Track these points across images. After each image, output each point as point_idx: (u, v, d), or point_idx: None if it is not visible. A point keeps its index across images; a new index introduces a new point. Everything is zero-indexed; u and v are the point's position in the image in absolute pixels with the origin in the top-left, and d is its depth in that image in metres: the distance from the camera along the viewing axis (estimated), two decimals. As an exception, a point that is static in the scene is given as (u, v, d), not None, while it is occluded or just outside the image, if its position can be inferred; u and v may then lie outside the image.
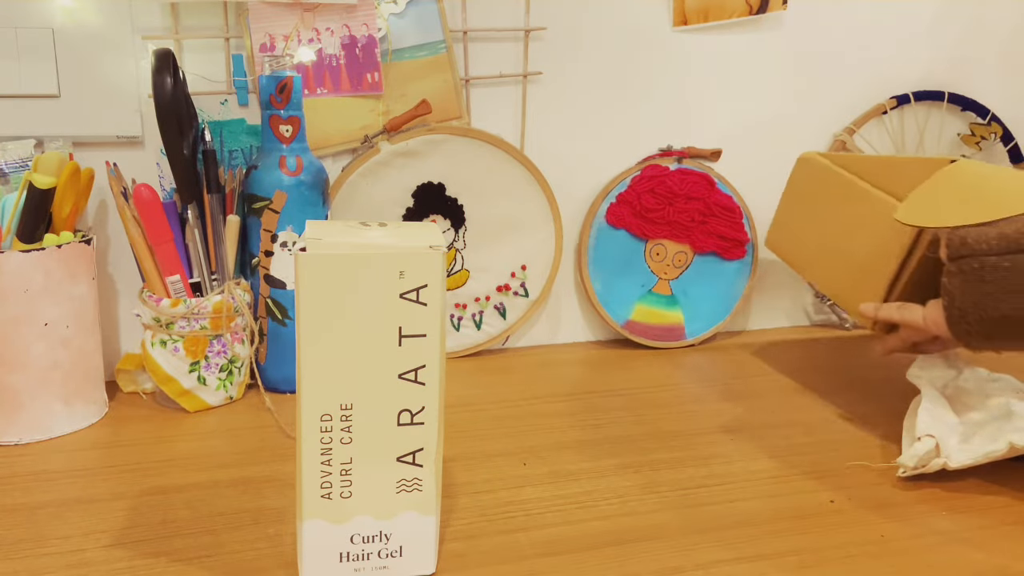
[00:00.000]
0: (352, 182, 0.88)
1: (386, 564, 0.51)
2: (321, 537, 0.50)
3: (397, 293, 0.47)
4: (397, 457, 0.49)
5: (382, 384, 0.48)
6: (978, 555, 0.56)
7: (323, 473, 0.49)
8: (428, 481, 0.50)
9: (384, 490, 0.50)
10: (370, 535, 0.50)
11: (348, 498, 0.49)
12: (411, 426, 0.49)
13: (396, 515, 0.50)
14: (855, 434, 0.74)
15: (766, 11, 0.97)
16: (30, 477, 0.66)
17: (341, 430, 0.48)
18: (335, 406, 0.48)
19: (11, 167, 0.76)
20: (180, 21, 0.82)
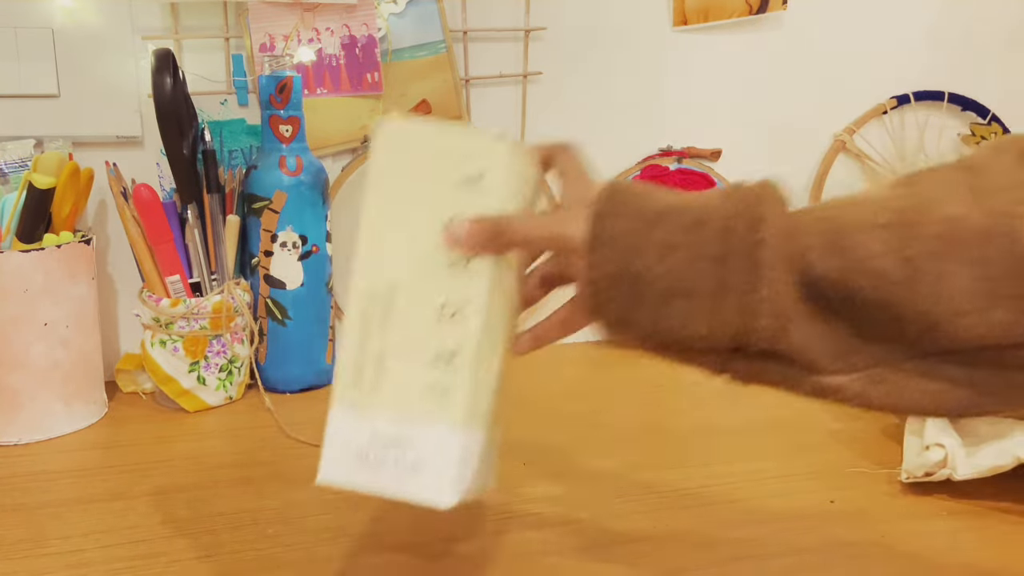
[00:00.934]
0: (352, 182, 0.88)
1: (401, 479, 0.46)
2: (346, 427, 0.47)
3: (459, 179, 0.45)
4: (433, 355, 0.45)
5: (430, 271, 0.45)
6: (978, 555, 0.55)
7: (358, 358, 0.46)
8: (460, 392, 0.45)
9: (414, 389, 0.46)
10: (391, 440, 0.46)
11: (376, 390, 0.46)
12: (452, 322, 0.45)
13: (421, 422, 0.45)
14: (855, 434, 0.74)
15: (766, 11, 0.97)
16: (30, 477, 0.66)
17: (383, 314, 0.46)
18: (382, 287, 0.46)
19: (11, 167, 0.76)
20: (180, 21, 0.82)
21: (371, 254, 0.46)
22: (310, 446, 0.71)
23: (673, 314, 0.42)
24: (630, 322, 0.43)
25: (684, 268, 0.42)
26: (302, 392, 0.84)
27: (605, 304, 0.44)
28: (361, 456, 0.46)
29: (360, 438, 0.46)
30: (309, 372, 0.84)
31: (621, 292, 0.43)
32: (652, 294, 0.42)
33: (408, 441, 0.46)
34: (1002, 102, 1.06)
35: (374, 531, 0.57)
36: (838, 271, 0.40)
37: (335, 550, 0.55)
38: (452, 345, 0.46)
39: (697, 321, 0.42)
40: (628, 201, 0.44)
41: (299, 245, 0.81)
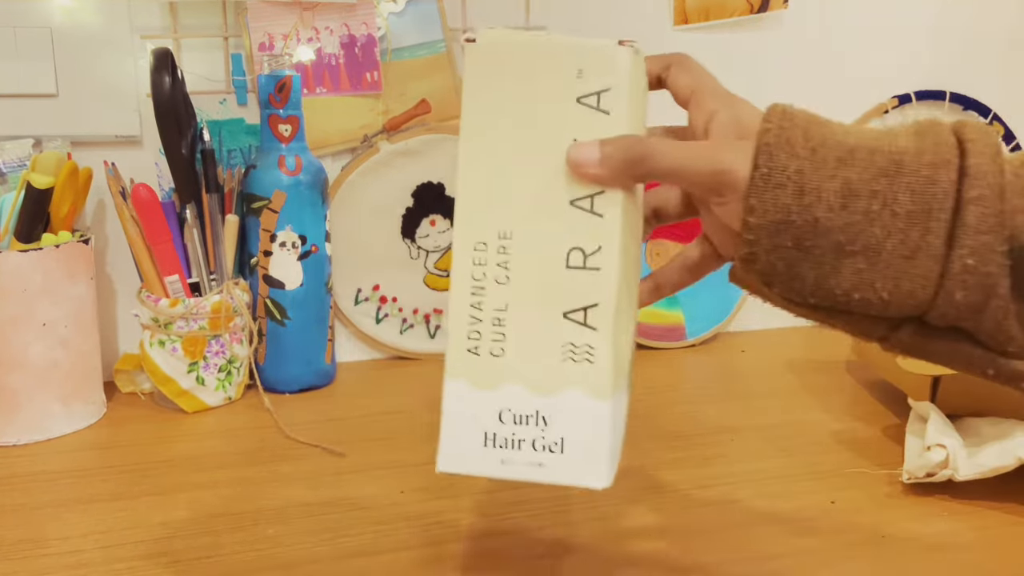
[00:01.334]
0: (352, 182, 0.88)
1: (542, 460, 0.39)
2: (465, 403, 0.39)
3: (574, 96, 0.39)
4: (564, 312, 0.39)
5: (550, 210, 0.39)
6: (980, 556, 0.55)
7: (472, 320, 0.39)
8: (603, 352, 0.38)
9: (545, 353, 0.39)
10: (524, 414, 0.39)
11: (499, 356, 0.39)
12: (583, 271, 0.38)
13: (558, 391, 0.39)
14: (856, 434, 0.74)
15: (767, 10, 0.97)
16: (29, 478, 0.65)
17: (497, 265, 0.39)
18: (492, 233, 0.39)
19: (9, 167, 0.76)
20: (179, 20, 0.82)
21: (475, 198, 0.39)
22: (309, 446, 0.71)
23: (845, 274, 0.36)
24: (791, 278, 0.37)
25: (869, 221, 0.35)
26: (301, 392, 0.84)
27: (764, 255, 0.37)
28: (488, 439, 0.39)
29: (486, 417, 0.39)
30: (308, 372, 0.84)
31: (786, 242, 0.36)
32: (824, 248, 0.36)
33: (547, 415, 0.39)
34: (1003, 101, 1.06)
35: (374, 531, 0.57)
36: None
37: (335, 550, 0.55)
38: (587, 298, 0.39)
39: (876, 286, 0.36)
40: (804, 133, 0.37)
41: (298, 245, 0.81)
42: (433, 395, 0.86)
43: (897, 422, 0.75)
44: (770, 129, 0.37)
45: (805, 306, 0.38)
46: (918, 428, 0.67)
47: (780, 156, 0.36)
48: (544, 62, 0.39)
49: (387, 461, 0.68)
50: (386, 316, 0.92)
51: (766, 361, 0.94)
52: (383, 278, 0.92)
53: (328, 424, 0.76)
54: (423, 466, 0.67)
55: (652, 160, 0.38)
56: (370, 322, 0.92)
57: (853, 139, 0.37)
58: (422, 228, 0.91)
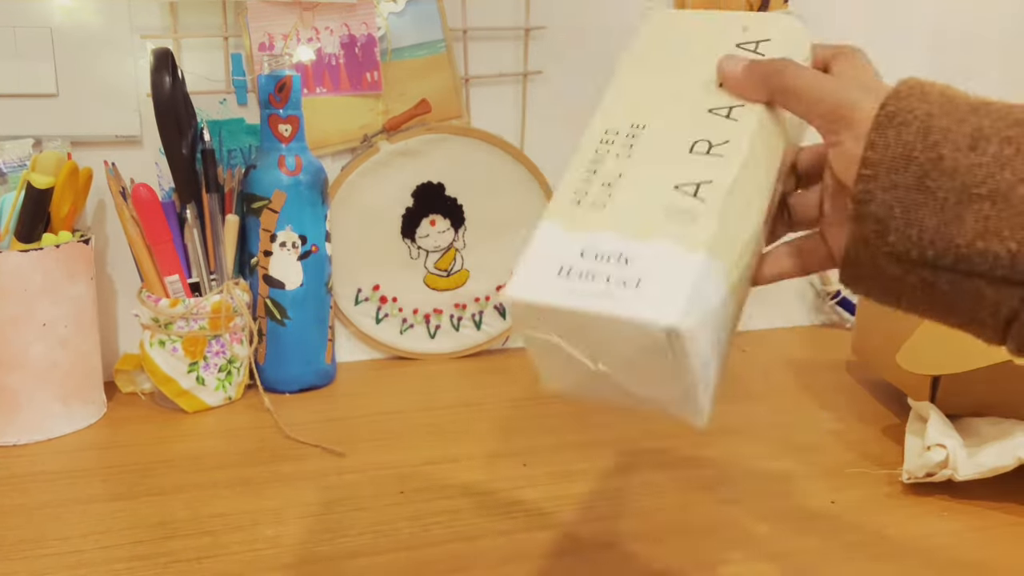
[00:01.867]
0: (351, 182, 0.88)
1: (613, 292, 0.36)
2: (551, 242, 0.38)
3: (735, 43, 0.43)
4: (675, 184, 0.38)
5: (688, 112, 0.41)
6: (980, 556, 0.55)
7: (584, 179, 0.40)
8: (707, 219, 0.37)
9: (646, 209, 0.38)
10: (607, 253, 0.37)
11: (600, 209, 0.39)
12: (706, 155, 0.39)
13: (650, 239, 0.37)
14: (856, 434, 0.74)
15: (767, 10, 0.97)
16: (28, 478, 0.65)
17: (623, 146, 0.41)
18: (626, 124, 0.41)
19: (9, 167, 0.76)
20: (179, 20, 0.82)
21: (623, 96, 0.43)
22: (309, 446, 0.71)
23: (971, 220, 0.33)
24: (908, 224, 0.34)
25: (1000, 166, 0.33)
26: (301, 392, 0.84)
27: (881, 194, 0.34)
28: (566, 270, 0.37)
29: (569, 252, 0.38)
30: (308, 372, 0.84)
31: (907, 180, 0.34)
32: (948, 190, 0.33)
33: (632, 256, 0.37)
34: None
35: (374, 531, 0.57)
36: None
37: (335, 550, 0.55)
38: (704, 176, 0.38)
39: (1003, 235, 0.32)
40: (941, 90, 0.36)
41: (298, 245, 0.81)
42: (433, 395, 0.86)
43: (897, 422, 0.75)
44: (906, 81, 0.37)
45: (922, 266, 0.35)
46: (918, 428, 0.67)
47: (910, 100, 0.35)
48: (713, 21, 0.44)
49: (387, 461, 0.68)
50: (386, 316, 0.92)
51: (766, 361, 0.94)
52: (383, 278, 0.92)
53: (328, 424, 0.76)
54: (423, 466, 0.67)
55: (786, 74, 0.39)
56: (370, 322, 0.92)
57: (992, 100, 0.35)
58: (422, 228, 0.91)
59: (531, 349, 0.40)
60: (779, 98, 0.40)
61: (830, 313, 1.08)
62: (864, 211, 0.35)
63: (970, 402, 0.68)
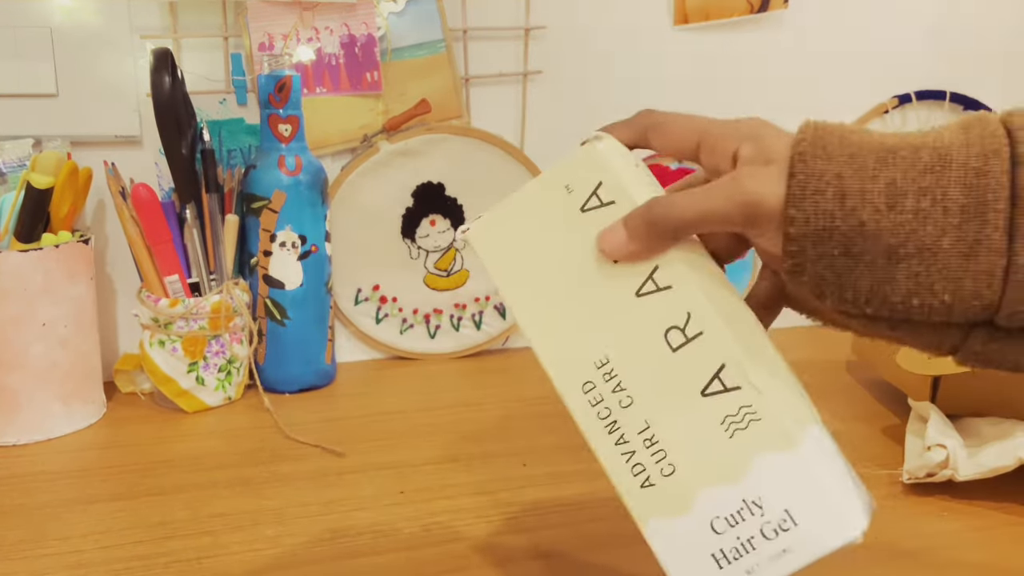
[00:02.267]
0: (351, 182, 0.88)
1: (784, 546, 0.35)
2: (674, 537, 0.37)
3: (577, 208, 0.39)
4: (699, 391, 0.36)
5: (623, 316, 0.38)
6: (980, 556, 0.55)
7: (627, 455, 0.38)
8: (761, 404, 0.35)
9: (711, 442, 0.36)
10: (734, 512, 0.35)
11: (673, 474, 0.37)
12: (690, 344, 0.37)
13: (748, 468, 0.35)
14: (856, 434, 0.74)
15: (767, 10, 0.97)
16: (28, 478, 0.65)
17: (612, 392, 0.38)
18: (590, 368, 0.39)
19: (9, 167, 0.76)
20: (179, 20, 0.82)
21: (552, 349, 0.40)
22: (309, 446, 0.71)
23: (901, 279, 0.33)
24: (842, 288, 0.34)
25: (921, 221, 0.33)
26: (301, 392, 0.84)
27: (811, 266, 0.35)
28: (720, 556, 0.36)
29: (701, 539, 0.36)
30: (308, 372, 0.84)
31: (833, 250, 0.34)
32: (875, 252, 0.33)
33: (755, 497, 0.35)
34: (1004, 101, 1.06)
35: (374, 531, 0.57)
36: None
37: (335, 550, 0.55)
38: (710, 365, 0.36)
39: (935, 288, 0.33)
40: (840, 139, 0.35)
41: (298, 245, 0.81)
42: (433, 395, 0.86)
43: (897, 422, 0.75)
44: (804, 139, 0.35)
45: (862, 317, 0.36)
46: (918, 428, 0.67)
47: (816, 163, 0.34)
48: (533, 206, 0.40)
49: (387, 461, 0.68)
50: (386, 316, 0.92)
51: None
52: (383, 278, 0.91)
53: (328, 424, 0.76)
54: (423, 466, 0.67)
55: (673, 215, 0.36)
56: (370, 322, 0.92)
57: (892, 140, 0.35)
58: (422, 228, 0.91)
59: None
60: (682, 236, 0.37)
61: (830, 313, 1.08)
62: (798, 280, 0.35)
63: (970, 402, 0.68)
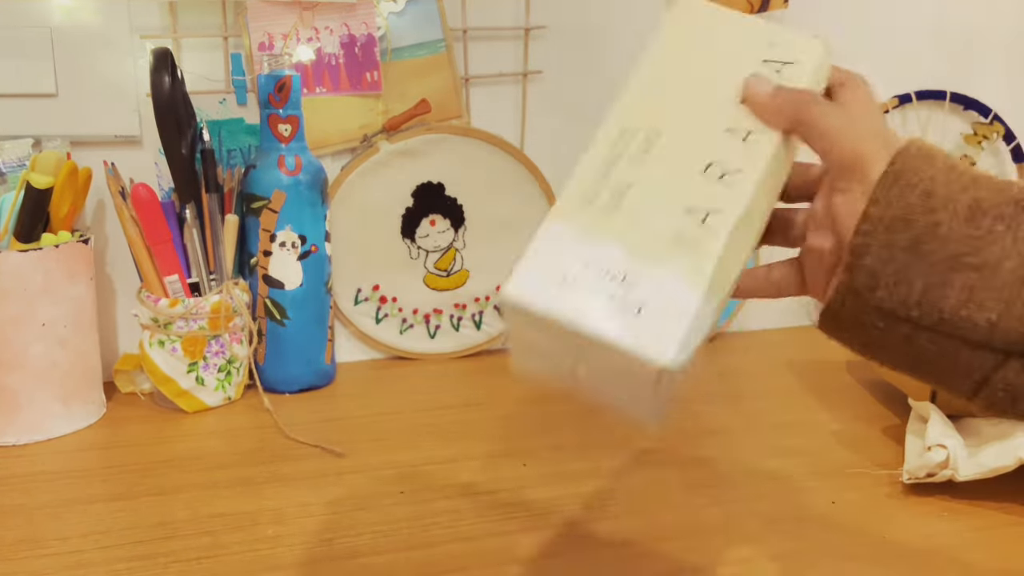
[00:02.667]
0: (351, 181, 0.88)
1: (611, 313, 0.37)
2: (558, 245, 0.38)
3: (761, 58, 0.42)
4: (686, 208, 0.39)
5: (706, 128, 0.41)
6: (980, 556, 0.55)
7: (597, 179, 0.40)
8: (710, 251, 0.38)
9: (656, 230, 0.38)
10: (612, 271, 0.37)
11: (610, 215, 0.39)
12: (718, 182, 0.40)
13: (656, 264, 0.37)
14: (856, 434, 0.74)
15: (767, 10, 0.97)
16: (28, 478, 0.65)
17: (638, 150, 0.41)
18: (645, 125, 0.41)
19: (9, 166, 0.76)
20: (178, 20, 0.82)
21: (642, 95, 0.42)
22: (309, 446, 0.71)
23: (956, 287, 0.35)
24: (897, 282, 0.36)
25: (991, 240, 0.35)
26: (301, 392, 0.84)
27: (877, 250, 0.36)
28: (568, 280, 0.37)
29: (573, 261, 0.38)
30: (308, 372, 0.84)
31: (902, 241, 0.36)
32: (940, 256, 0.35)
33: (636, 279, 0.37)
34: (1004, 101, 1.06)
35: (374, 531, 0.57)
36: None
37: (335, 550, 0.55)
38: (711, 204, 0.39)
39: (986, 305, 0.35)
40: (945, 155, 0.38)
41: (298, 245, 0.81)
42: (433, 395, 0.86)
43: (897, 422, 0.75)
44: (915, 142, 0.38)
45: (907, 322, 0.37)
46: (918, 428, 0.67)
47: (917, 160, 0.37)
48: (740, 25, 0.43)
49: (387, 461, 0.68)
50: (386, 316, 0.92)
51: (766, 361, 0.94)
52: (383, 278, 0.91)
53: (328, 424, 0.76)
54: (423, 466, 0.67)
55: (814, 111, 0.39)
56: (370, 322, 0.92)
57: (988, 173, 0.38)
58: (422, 228, 0.91)
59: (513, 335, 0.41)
60: (801, 131, 0.40)
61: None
62: (858, 263, 0.37)
63: None
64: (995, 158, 1.08)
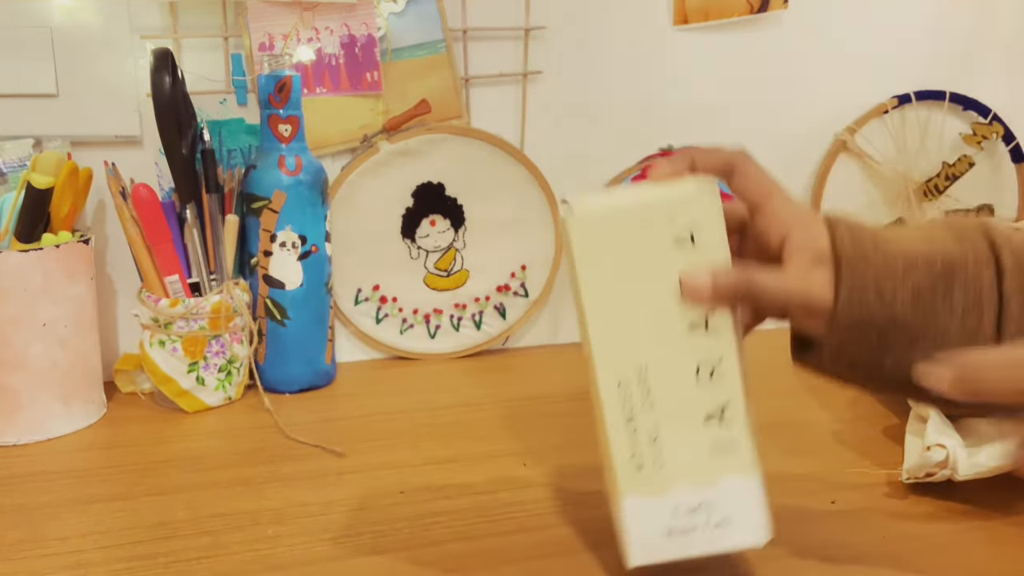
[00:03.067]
0: (351, 182, 0.88)
1: (714, 536, 0.48)
2: (643, 514, 0.48)
3: (672, 239, 0.46)
4: (705, 417, 0.47)
5: (674, 340, 0.46)
6: (979, 556, 0.55)
7: (632, 444, 0.47)
8: (742, 440, 0.47)
9: (698, 454, 0.47)
10: (693, 505, 0.47)
11: (662, 468, 0.47)
12: (711, 382, 0.47)
13: (716, 481, 0.47)
14: (856, 434, 0.74)
15: (767, 10, 0.97)
16: (28, 478, 0.65)
17: (641, 396, 0.47)
18: (631, 371, 0.47)
19: (9, 167, 0.76)
20: (179, 20, 0.82)
21: (607, 343, 0.47)
22: (309, 446, 0.71)
23: (917, 357, 0.44)
24: (871, 366, 0.46)
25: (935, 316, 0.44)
26: (301, 392, 0.84)
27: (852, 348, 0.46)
28: (668, 532, 0.48)
29: (662, 518, 0.48)
30: (308, 372, 0.84)
31: (871, 337, 0.45)
32: (902, 339, 0.45)
33: (711, 502, 0.47)
34: (1004, 101, 1.06)
35: (374, 531, 0.57)
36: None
37: (335, 550, 0.55)
38: (720, 401, 0.47)
39: None
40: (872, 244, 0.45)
41: (298, 245, 0.81)
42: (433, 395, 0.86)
43: (897, 422, 0.75)
44: (843, 243, 0.46)
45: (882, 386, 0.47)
46: (917, 428, 0.67)
47: (858, 267, 0.45)
48: (639, 218, 0.46)
49: (387, 461, 0.68)
50: (386, 316, 0.92)
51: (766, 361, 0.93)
52: (383, 278, 0.92)
53: (328, 424, 0.76)
54: (423, 466, 0.67)
55: (757, 290, 0.46)
56: (370, 322, 0.92)
57: (908, 245, 0.46)
58: (422, 228, 0.91)
59: None
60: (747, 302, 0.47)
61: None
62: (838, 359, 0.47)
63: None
64: (994, 158, 1.08)
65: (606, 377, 0.47)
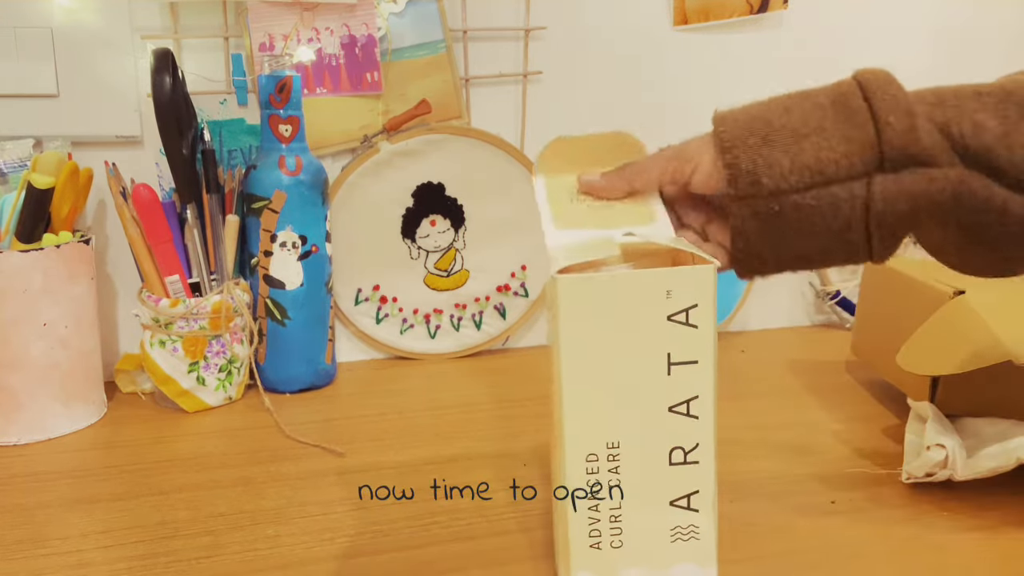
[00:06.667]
0: (352, 182, 0.88)
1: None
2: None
3: (664, 315, 0.43)
4: (670, 501, 0.45)
5: (651, 418, 0.44)
6: (979, 556, 0.55)
7: (591, 519, 0.45)
8: (706, 528, 0.46)
9: (657, 539, 0.46)
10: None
11: (619, 548, 0.46)
12: (684, 466, 0.45)
13: (672, 567, 0.46)
14: (856, 434, 0.74)
15: (767, 10, 0.97)
16: (29, 478, 0.65)
17: (609, 471, 0.45)
18: (601, 444, 0.44)
19: (10, 167, 0.76)
20: (179, 21, 0.82)
21: (580, 412, 0.44)
22: (309, 446, 0.71)
23: (809, 148, 0.47)
24: (769, 165, 0.47)
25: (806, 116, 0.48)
26: (301, 392, 0.84)
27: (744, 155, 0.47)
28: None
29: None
30: (308, 372, 0.84)
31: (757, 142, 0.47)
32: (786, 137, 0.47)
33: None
34: (1003, 101, 1.06)
35: (374, 531, 0.57)
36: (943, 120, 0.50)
37: (335, 550, 0.55)
38: (690, 487, 0.45)
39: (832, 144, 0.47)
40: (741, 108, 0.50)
41: (298, 245, 0.81)
42: (433, 395, 0.86)
43: (896, 422, 0.75)
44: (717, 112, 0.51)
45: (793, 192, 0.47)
46: (917, 428, 0.67)
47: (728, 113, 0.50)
48: (633, 288, 0.43)
49: (387, 461, 0.68)
50: (386, 316, 0.92)
51: (766, 361, 0.94)
52: (383, 278, 0.92)
53: (328, 424, 0.76)
54: (423, 466, 0.67)
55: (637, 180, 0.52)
56: (370, 322, 0.92)
57: None
58: (422, 228, 0.91)
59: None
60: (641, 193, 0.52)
61: (830, 313, 1.08)
62: (737, 172, 0.47)
63: (970, 402, 0.68)
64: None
65: (574, 447, 0.45)
